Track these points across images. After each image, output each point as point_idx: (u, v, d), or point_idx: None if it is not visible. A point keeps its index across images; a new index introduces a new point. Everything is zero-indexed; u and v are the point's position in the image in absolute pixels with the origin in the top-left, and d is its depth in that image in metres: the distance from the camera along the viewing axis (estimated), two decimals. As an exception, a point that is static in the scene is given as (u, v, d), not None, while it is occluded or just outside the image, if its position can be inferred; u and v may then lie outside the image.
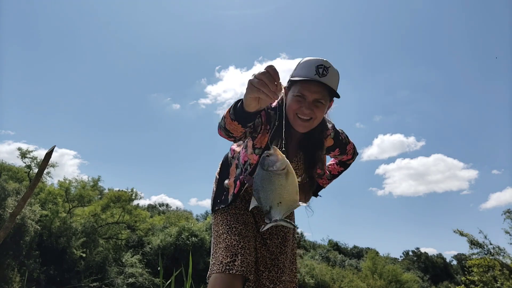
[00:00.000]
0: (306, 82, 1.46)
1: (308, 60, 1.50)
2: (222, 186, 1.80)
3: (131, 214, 25.16)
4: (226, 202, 1.72)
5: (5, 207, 17.20)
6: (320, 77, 1.45)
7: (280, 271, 1.70)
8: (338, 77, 1.52)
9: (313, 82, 1.46)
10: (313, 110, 1.49)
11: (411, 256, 51.08)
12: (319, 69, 1.46)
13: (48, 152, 2.21)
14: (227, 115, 1.36)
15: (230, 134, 1.45)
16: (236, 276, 1.45)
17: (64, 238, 21.20)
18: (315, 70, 1.46)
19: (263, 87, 1.06)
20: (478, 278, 12.75)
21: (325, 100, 1.50)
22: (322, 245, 45.53)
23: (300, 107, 1.49)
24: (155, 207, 43.43)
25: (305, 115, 1.49)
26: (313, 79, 1.45)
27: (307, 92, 1.47)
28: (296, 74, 1.51)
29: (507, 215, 13.49)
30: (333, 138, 1.74)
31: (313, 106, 1.49)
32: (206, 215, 40.61)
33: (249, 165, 1.67)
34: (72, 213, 23.11)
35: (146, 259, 24.80)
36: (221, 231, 1.65)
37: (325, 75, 1.46)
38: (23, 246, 18.24)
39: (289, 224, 1.08)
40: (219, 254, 1.56)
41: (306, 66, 1.49)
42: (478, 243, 13.47)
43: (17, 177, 23.13)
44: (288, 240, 1.80)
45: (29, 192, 2.25)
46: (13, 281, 17.33)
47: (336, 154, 1.83)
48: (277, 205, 0.97)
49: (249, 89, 1.12)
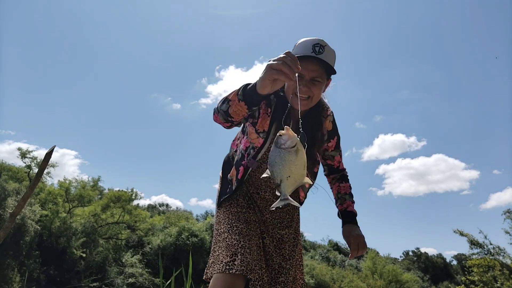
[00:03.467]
0: (302, 60, 1.47)
1: (305, 40, 1.55)
2: (226, 181, 1.79)
3: (131, 214, 25.17)
4: (231, 191, 1.72)
5: (5, 207, 17.21)
6: (317, 55, 1.49)
7: (275, 272, 1.68)
8: (334, 55, 1.56)
9: (309, 59, 1.50)
10: (310, 88, 1.53)
11: (411, 256, 51.11)
12: (315, 47, 1.50)
13: (48, 152, 2.21)
14: (233, 97, 1.41)
15: (229, 119, 1.49)
16: (236, 276, 1.44)
17: (64, 238, 21.21)
18: (311, 48, 1.50)
19: (285, 68, 1.14)
20: (478, 278, 12.76)
21: (322, 78, 1.54)
22: (322, 245, 45.59)
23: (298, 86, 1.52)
24: (155, 207, 43.48)
25: (303, 93, 1.52)
26: (310, 56, 1.49)
27: (304, 71, 1.49)
28: (294, 51, 1.55)
29: (507, 215, 13.51)
30: (332, 122, 1.76)
31: (311, 84, 1.53)
32: (206, 215, 40.64)
33: (252, 148, 1.67)
34: (72, 213, 23.12)
35: (146, 259, 24.81)
36: (222, 230, 1.64)
37: (321, 52, 1.50)
38: (23, 246, 18.25)
39: (295, 203, 1.15)
40: (219, 254, 1.56)
41: (303, 45, 1.53)
42: (478, 243, 13.48)
43: (17, 177, 23.14)
44: (286, 242, 1.77)
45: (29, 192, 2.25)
46: (13, 281, 17.33)
47: (332, 148, 1.82)
48: (287, 179, 1.10)
49: (267, 71, 1.19)
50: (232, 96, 1.42)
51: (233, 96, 1.42)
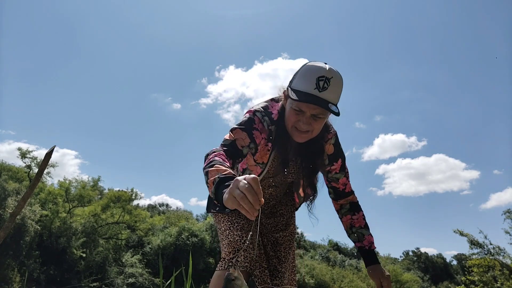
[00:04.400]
0: (304, 97, 1.38)
1: (310, 69, 1.41)
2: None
3: (131, 214, 25.17)
4: (223, 209, 1.66)
5: (5, 207, 17.22)
6: (320, 91, 1.36)
7: (270, 274, 1.68)
8: (341, 87, 1.43)
9: (311, 97, 1.37)
10: (311, 123, 1.44)
11: (411, 256, 51.10)
12: (319, 82, 1.36)
13: (48, 152, 2.21)
14: (209, 184, 1.17)
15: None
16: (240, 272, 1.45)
17: (64, 238, 21.22)
18: (315, 83, 1.36)
19: (245, 203, 0.97)
20: (478, 278, 12.76)
21: (324, 114, 1.43)
22: (322, 245, 45.54)
23: (297, 121, 1.44)
24: (155, 207, 43.44)
25: (303, 129, 1.45)
26: (312, 94, 1.37)
27: (305, 107, 1.40)
28: (296, 84, 1.43)
29: (507, 215, 13.50)
30: (333, 145, 1.66)
31: (311, 120, 1.43)
32: (206, 215, 40.62)
33: (249, 173, 1.65)
34: (72, 213, 23.12)
35: (146, 259, 24.81)
36: (224, 228, 1.65)
37: (326, 88, 1.36)
38: (23, 246, 18.26)
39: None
40: (223, 251, 1.57)
41: (307, 77, 1.39)
42: (478, 243, 13.47)
43: (17, 177, 23.14)
44: (281, 244, 1.77)
45: (29, 192, 2.25)
46: (13, 281, 17.34)
47: (337, 171, 1.71)
48: None
49: (229, 200, 1.00)
50: (209, 182, 1.17)
51: (209, 182, 1.16)
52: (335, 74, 1.39)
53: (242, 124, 1.47)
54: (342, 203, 1.78)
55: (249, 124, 1.48)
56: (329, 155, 1.68)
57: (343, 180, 1.74)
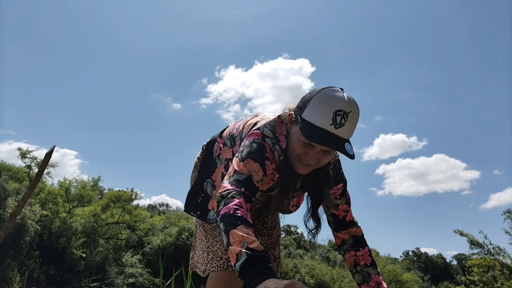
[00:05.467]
0: (317, 131, 1.22)
1: (326, 100, 1.21)
2: (202, 186, 1.60)
3: (131, 214, 25.19)
4: (204, 217, 1.53)
5: (5, 207, 17.23)
6: (337, 128, 1.18)
7: None
8: (357, 121, 1.26)
9: (326, 135, 1.20)
10: (319, 158, 1.27)
11: (411, 256, 51.11)
12: (337, 117, 1.18)
13: (48, 152, 2.21)
14: (231, 254, 0.99)
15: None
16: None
17: (64, 238, 21.24)
18: (331, 119, 1.18)
19: None
20: (478, 278, 12.78)
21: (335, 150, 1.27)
22: (322, 245, 45.54)
23: (305, 153, 1.28)
24: (155, 207, 43.49)
25: (309, 162, 1.28)
26: (326, 131, 1.19)
27: (316, 144, 1.22)
28: (308, 115, 1.23)
29: (507, 215, 13.53)
30: (332, 169, 1.48)
31: (320, 154, 1.27)
32: (206, 215, 40.57)
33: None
34: (72, 213, 23.14)
35: (146, 259, 24.83)
36: (211, 227, 1.55)
37: (343, 124, 1.19)
38: (23, 246, 18.27)
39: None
40: (217, 248, 1.49)
41: (322, 109, 1.20)
42: (478, 243, 13.49)
43: (17, 177, 23.17)
44: (266, 246, 1.70)
45: (29, 192, 2.25)
46: (13, 281, 17.35)
47: (337, 196, 1.52)
48: None
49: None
50: (232, 250, 0.98)
51: (232, 251, 0.98)
52: (353, 107, 1.22)
53: (253, 152, 1.26)
54: (344, 238, 1.55)
55: (261, 153, 1.27)
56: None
57: (344, 207, 1.53)
